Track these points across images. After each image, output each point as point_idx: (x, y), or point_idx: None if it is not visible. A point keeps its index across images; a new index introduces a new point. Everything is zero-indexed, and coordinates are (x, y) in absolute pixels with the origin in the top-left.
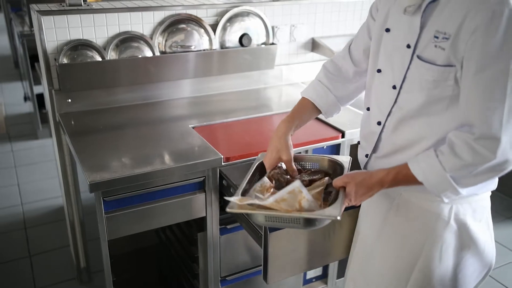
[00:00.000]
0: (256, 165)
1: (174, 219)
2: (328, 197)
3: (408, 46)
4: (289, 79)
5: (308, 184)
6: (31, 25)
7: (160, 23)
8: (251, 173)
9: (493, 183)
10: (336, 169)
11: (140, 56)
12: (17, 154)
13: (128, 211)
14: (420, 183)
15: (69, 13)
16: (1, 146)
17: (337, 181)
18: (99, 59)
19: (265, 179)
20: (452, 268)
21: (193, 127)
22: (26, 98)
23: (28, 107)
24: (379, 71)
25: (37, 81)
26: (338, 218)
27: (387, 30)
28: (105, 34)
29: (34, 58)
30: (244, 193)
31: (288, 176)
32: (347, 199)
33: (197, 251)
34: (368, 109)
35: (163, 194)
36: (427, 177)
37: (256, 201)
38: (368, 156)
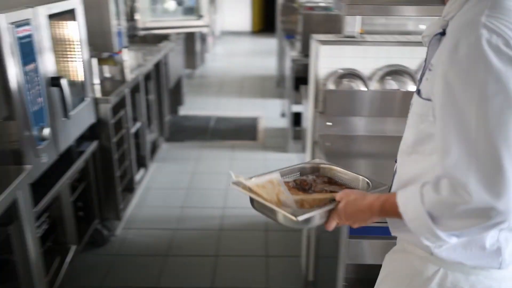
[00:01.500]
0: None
1: None
2: None
3: (415, 82)
4: None
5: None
6: (302, 51)
7: None
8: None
9: (497, 260)
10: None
11: (401, 90)
12: (268, 163)
13: (371, 240)
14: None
15: (343, 44)
16: (257, 153)
17: (337, 195)
18: (363, 88)
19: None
20: None
21: None
22: (283, 115)
23: (283, 122)
24: None
25: (295, 101)
26: (295, 219)
27: None
28: (373, 65)
29: (297, 80)
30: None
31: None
32: (335, 214)
33: None
34: None
35: None
36: (407, 209)
37: (247, 183)
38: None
